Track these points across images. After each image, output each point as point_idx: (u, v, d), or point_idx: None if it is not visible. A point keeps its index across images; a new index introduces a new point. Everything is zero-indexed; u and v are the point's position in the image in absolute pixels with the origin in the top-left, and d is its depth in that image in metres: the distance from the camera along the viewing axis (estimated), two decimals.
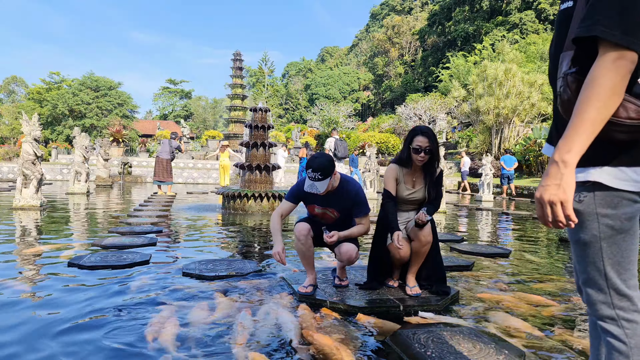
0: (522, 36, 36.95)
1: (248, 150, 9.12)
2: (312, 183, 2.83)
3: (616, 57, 1.05)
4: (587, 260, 1.22)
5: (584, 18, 1.12)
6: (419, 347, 2.15)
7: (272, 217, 3.05)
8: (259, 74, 63.67)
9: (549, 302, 3.11)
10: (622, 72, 1.05)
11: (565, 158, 1.10)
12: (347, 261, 3.03)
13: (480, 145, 24.56)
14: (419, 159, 2.96)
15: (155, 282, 3.32)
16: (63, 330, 2.34)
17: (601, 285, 1.20)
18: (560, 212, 1.12)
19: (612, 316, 1.20)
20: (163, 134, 30.75)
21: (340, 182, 3.05)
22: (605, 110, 1.07)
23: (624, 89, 1.07)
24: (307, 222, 3.06)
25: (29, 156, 7.75)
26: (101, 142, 18.91)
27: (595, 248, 1.19)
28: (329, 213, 3.08)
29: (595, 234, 1.18)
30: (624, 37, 1.04)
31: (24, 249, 4.44)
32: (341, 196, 3.03)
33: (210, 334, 2.33)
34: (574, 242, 1.25)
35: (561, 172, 1.10)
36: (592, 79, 1.09)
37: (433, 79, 39.10)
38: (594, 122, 1.07)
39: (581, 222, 1.20)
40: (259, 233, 6.11)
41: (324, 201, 3.05)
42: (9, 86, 56.00)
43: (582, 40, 1.14)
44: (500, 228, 7.62)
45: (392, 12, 66.22)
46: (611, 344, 1.20)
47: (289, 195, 3.10)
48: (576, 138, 1.09)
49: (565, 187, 1.10)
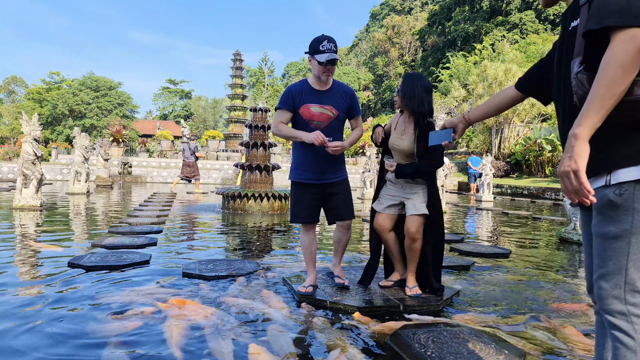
0: (522, 36, 36.95)
1: (248, 150, 9.13)
2: (331, 53, 2.78)
3: (626, 38, 1.10)
4: (610, 254, 1.23)
5: (593, 14, 1.17)
6: (419, 347, 2.15)
7: (277, 127, 2.90)
8: (259, 74, 63.61)
9: (550, 301, 3.11)
10: (631, 50, 1.10)
11: (576, 131, 1.17)
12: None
13: (480, 145, 24.56)
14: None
15: (155, 282, 3.32)
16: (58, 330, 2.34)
17: (618, 280, 1.22)
18: (574, 182, 1.18)
19: (623, 311, 1.21)
20: (163, 134, 30.75)
21: (333, 80, 2.99)
22: (614, 87, 1.12)
23: (635, 66, 1.11)
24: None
25: (29, 156, 7.75)
26: (101, 142, 18.90)
27: (624, 242, 1.21)
28: (327, 112, 2.91)
29: (627, 228, 1.20)
30: (636, 19, 1.09)
31: (23, 249, 4.44)
32: (337, 91, 2.97)
33: (208, 333, 2.34)
34: (601, 235, 1.26)
35: (572, 144, 1.18)
36: (603, 62, 1.14)
37: (433, 79, 39.07)
38: (603, 98, 1.13)
39: (615, 215, 1.22)
40: (259, 233, 6.11)
41: (321, 98, 2.91)
42: (9, 86, 55.97)
43: (593, 36, 1.18)
44: (500, 228, 7.62)
45: (392, 12, 66.21)
46: (619, 338, 1.21)
47: (281, 104, 2.91)
48: (587, 114, 1.16)
49: (576, 158, 1.17)
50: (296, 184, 3.02)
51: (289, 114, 2.92)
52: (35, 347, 2.11)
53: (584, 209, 1.44)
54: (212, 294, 3.02)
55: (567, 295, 3.31)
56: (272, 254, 4.74)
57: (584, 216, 1.45)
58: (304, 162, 2.97)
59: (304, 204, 2.99)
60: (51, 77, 45.71)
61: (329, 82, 2.96)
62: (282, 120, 2.92)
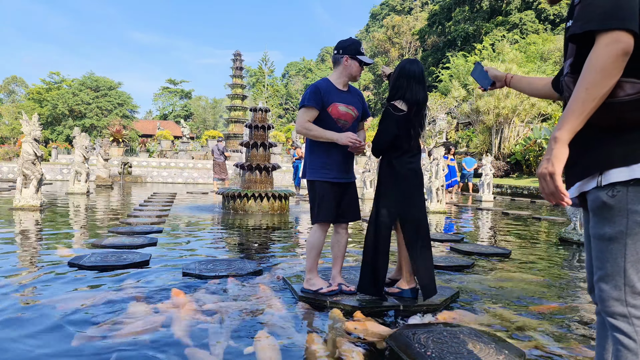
0: (522, 36, 36.92)
1: (248, 150, 9.13)
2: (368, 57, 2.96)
3: (608, 41, 1.10)
4: (607, 255, 1.22)
5: (577, 17, 1.17)
6: (419, 347, 2.15)
7: (305, 126, 2.85)
8: (259, 74, 63.58)
9: (550, 302, 3.11)
10: (613, 53, 1.09)
11: (556, 134, 1.18)
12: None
13: (480, 145, 24.55)
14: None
15: (155, 282, 3.32)
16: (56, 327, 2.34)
17: (617, 282, 1.21)
18: (550, 184, 1.19)
19: (624, 313, 1.20)
20: (163, 134, 30.74)
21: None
22: (595, 90, 1.12)
23: (616, 69, 1.11)
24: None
25: (29, 156, 7.75)
26: (101, 142, 18.94)
27: (620, 244, 1.20)
28: (350, 112, 2.96)
29: (622, 230, 1.19)
30: (619, 23, 1.09)
31: (23, 249, 4.44)
32: (355, 93, 3.06)
33: (207, 332, 2.34)
34: (598, 237, 1.25)
35: (551, 147, 1.19)
36: (585, 65, 1.14)
37: (433, 79, 39.05)
38: (584, 102, 1.13)
39: (610, 216, 1.21)
40: (259, 233, 6.11)
41: (346, 98, 2.96)
42: (9, 86, 55.97)
43: (579, 40, 1.18)
44: (500, 228, 7.61)
45: (392, 12, 66.17)
46: (620, 341, 1.20)
47: (309, 100, 2.85)
48: (567, 117, 1.17)
49: (553, 161, 1.18)
50: (322, 183, 2.96)
51: (316, 111, 2.87)
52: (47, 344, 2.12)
53: (585, 209, 1.44)
54: (212, 294, 3.02)
55: (566, 296, 3.31)
56: (272, 254, 4.74)
57: (585, 216, 1.45)
58: (330, 162, 2.94)
59: (330, 202, 2.95)
60: (51, 77, 45.73)
61: (347, 84, 3.04)
62: (308, 119, 2.87)
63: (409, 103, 2.78)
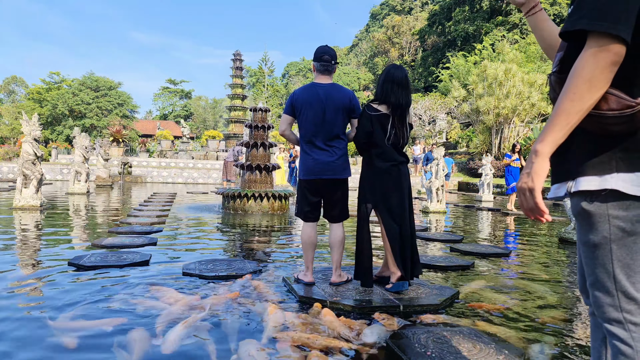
0: (522, 36, 36.92)
1: (248, 150, 9.13)
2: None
3: (597, 50, 1.05)
4: (596, 262, 1.19)
5: (571, 14, 1.13)
6: (419, 347, 2.14)
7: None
8: (259, 74, 63.54)
9: (550, 302, 3.11)
10: (601, 64, 1.05)
11: (537, 147, 1.14)
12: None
13: (480, 145, 24.56)
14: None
15: (155, 282, 3.32)
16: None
17: (609, 287, 1.18)
18: (530, 200, 1.16)
19: (619, 319, 1.17)
20: (163, 133, 30.76)
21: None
22: (580, 103, 1.08)
23: (604, 81, 1.06)
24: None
25: (29, 156, 7.75)
26: (101, 142, 18.96)
27: (605, 250, 1.17)
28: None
29: (606, 236, 1.16)
30: (612, 26, 1.03)
31: (23, 249, 4.43)
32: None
33: (205, 332, 2.33)
34: (583, 243, 1.22)
35: (532, 161, 1.15)
36: (572, 72, 1.10)
37: (433, 79, 39.06)
38: (569, 114, 1.09)
39: (592, 223, 1.17)
40: (259, 233, 6.11)
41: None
42: (9, 86, 55.97)
43: (571, 37, 1.14)
44: (500, 228, 7.61)
45: (392, 12, 66.16)
46: (617, 347, 1.17)
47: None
48: (550, 129, 1.13)
49: (533, 176, 1.14)
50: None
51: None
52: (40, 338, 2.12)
53: None
54: (211, 294, 3.02)
55: (567, 296, 3.31)
56: (272, 254, 4.74)
57: None
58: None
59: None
60: (51, 77, 45.72)
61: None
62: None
63: (393, 106, 3.00)
